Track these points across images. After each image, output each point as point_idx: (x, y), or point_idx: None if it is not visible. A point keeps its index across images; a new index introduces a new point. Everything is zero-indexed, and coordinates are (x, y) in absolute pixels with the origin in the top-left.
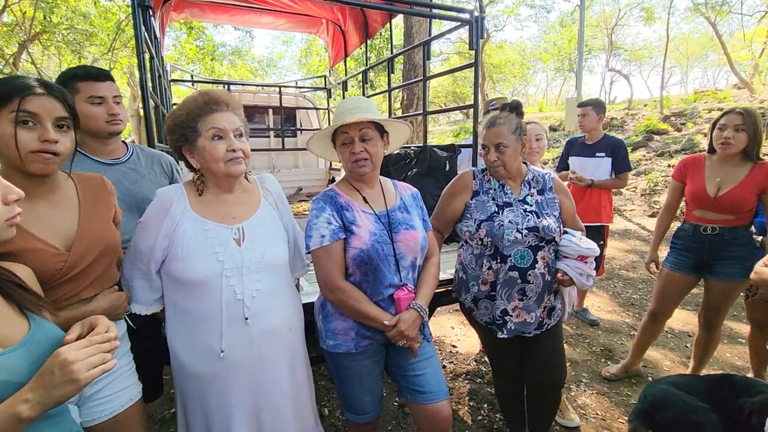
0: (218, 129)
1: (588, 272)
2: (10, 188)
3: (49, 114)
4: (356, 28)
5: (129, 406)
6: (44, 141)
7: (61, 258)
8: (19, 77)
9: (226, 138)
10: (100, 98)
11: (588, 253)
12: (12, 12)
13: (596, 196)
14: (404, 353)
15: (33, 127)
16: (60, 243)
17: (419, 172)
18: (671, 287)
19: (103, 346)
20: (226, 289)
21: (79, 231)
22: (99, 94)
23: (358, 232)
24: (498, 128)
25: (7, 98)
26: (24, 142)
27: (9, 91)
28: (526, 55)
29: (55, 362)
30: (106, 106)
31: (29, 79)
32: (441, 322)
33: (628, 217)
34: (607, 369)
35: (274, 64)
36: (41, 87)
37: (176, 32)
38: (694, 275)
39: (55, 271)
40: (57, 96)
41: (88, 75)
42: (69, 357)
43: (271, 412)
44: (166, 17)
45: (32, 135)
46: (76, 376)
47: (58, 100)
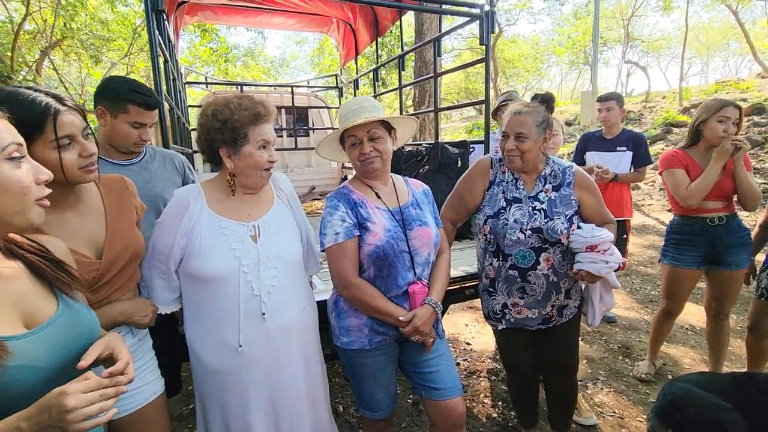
0: (266, 140)
1: (602, 258)
2: (41, 169)
3: (79, 129)
4: (366, 26)
5: (153, 399)
6: (88, 156)
7: (94, 267)
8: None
9: (268, 149)
10: (141, 125)
11: (596, 242)
12: (34, 20)
13: (618, 191)
14: (418, 349)
15: (71, 146)
16: (90, 251)
17: (431, 169)
18: (680, 284)
19: (108, 392)
20: (244, 285)
21: (107, 238)
22: (142, 121)
23: (373, 228)
24: (523, 117)
25: (40, 125)
26: (69, 163)
27: (39, 117)
28: (540, 49)
29: (54, 402)
30: (142, 131)
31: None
32: (455, 319)
33: (646, 212)
34: (637, 370)
35: (287, 65)
36: (60, 103)
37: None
38: (699, 268)
39: (88, 280)
40: (76, 109)
41: (144, 104)
42: (68, 403)
43: (288, 407)
44: (180, 21)
45: (73, 154)
46: (66, 426)
47: (78, 113)
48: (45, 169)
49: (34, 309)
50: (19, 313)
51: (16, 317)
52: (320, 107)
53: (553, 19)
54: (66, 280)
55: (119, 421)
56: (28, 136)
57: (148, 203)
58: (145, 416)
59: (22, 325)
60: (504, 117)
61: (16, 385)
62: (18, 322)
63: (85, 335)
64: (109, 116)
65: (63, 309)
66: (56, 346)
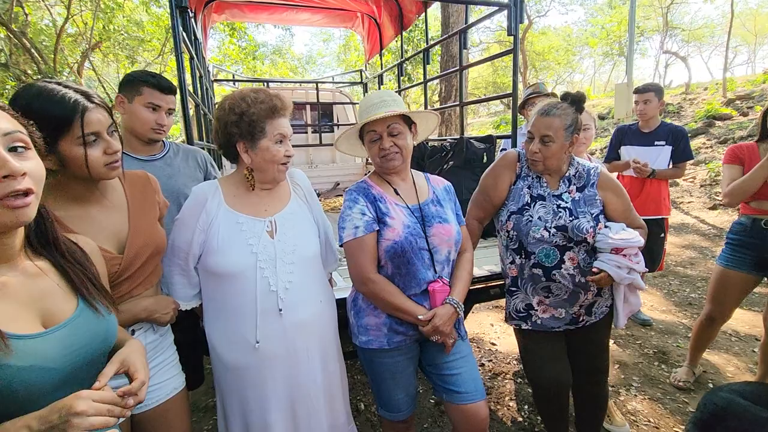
0: (282, 135)
1: (627, 264)
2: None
3: (104, 126)
4: (391, 20)
5: (173, 395)
6: (112, 153)
7: (116, 261)
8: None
9: (285, 143)
10: (156, 106)
11: (622, 245)
12: (75, 23)
13: (655, 188)
14: (438, 350)
15: (96, 143)
16: (113, 246)
17: (455, 165)
18: (727, 287)
19: (115, 410)
20: (261, 281)
21: (130, 233)
22: (157, 103)
23: (392, 224)
24: (550, 119)
25: (68, 122)
26: (95, 159)
27: (67, 114)
28: (572, 41)
29: (66, 403)
30: (158, 114)
31: (75, 94)
32: (480, 319)
33: (685, 210)
34: (675, 377)
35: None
36: (88, 100)
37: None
38: (754, 273)
39: (110, 274)
40: (103, 106)
41: (157, 85)
42: (77, 406)
43: (306, 405)
44: (208, 19)
45: (98, 150)
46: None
47: (104, 108)
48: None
49: (53, 308)
50: (38, 311)
51: (35, 315)
52: (345, 103)
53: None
54: (89, 288)
55: (141, 416)
56: (56, 132)
57: (171, 199)
58: (166, 412)
59: (39, 324)
60: (530, 115)
61: (24, 385)
62: (36, 320)
63: (100, 339)
64: (127, 102)
65: (81, 310)
66: (69, 347)
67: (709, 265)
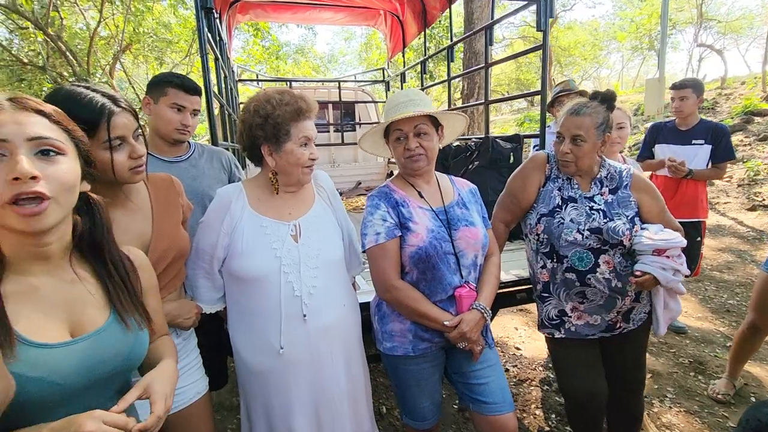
0: (307, 137)
1: (672, 266)
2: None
3: (130, 131)
4: (414, 17)
5: (197, 399)
6: (137, 157)
7: None
8: (90, 100)
9: (309, 146)
10: (180, 107)
11: (665, 246)
12: (107, 26)
13: (692, 189)
14: (465, 358)
15: (122, 147)
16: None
17: (481, 165)
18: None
19: None
20: (285, 286)
21: (153, 237)
22: (182, 103)
23: (415, 228)
24: (581, 118)
25: (94, 126)
26: (120, 163)
27: (94, 118)
28: (599, 35)
29: (78, 421)
30: (183, 115)
31: (99, 97)
32: (504, 322)
33: (721, 211)
34: (713, 389)
35: (336, 61)
36: (115, 104)
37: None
38: None
39: None
40: (129, 110)
41: (182, 86)
42: (87, 428)
43: (331, 410)
44: (233, 20)
45: (124, 155)
46: None
47: (130, 112)
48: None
49: (83, 317)
50: (68, 318)
51: (64, 322)
52: (367, 102)
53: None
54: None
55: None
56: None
57: (195, 200)
58: (190, 415)
59: (67, 332)
60: (559, 114)
61: (27, 396)
62: (64, 327)
63: (123, 357)
64: (153, 103)
65: (110, 323)
66: (85, 362)
67: (748, 270)
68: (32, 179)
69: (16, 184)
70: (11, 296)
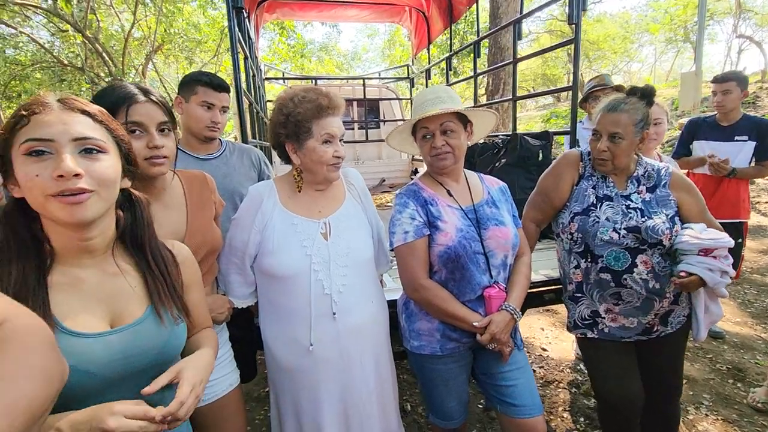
0: (330, 135)
1: (719, 267)
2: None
3: (152, 120)
4: (440, 13)
5: (229, 391)
6: (152, 147)
7: None
8: (120, 87)
9: (333, 143)
10: (210, 104)
11: (712, 245)
12: (140, 27)
13: (734, 188)
14: (493, 359)
15: (141, 136)
16: None
17: (508, 163)
18: None
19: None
20: (315, 284)
21: (188, 231)
22: (210, 101)
23: (444, 227)
24: (619, 115)
25: (116, 109)
26: (135, 151)
27: (115, 101)
28: (630, 28)
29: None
30: (212, 113)
31: (130, 87)
32: (530, 322)
33: (763, 211)
34: (753, 397)
35: (359, 58)
36: (143, 94)
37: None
38: None
39: None
40: (157, 101)
41: (210, 83)
42: (109, 425)
43: (359, 409)
44: (260, 19)
45: (141, 143)
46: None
47: (159, 106)
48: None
49: (123, 310)
50: (109, 309)
51: (105, 313)
52: (391, 99)
53: None
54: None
55: (198, 411)
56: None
57: (226, 197)
58: (223, 407)
59: (107, 323)
60: (594, 111)
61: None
62: (105, 318)
63: (156, 351)
64: (184, 102)
65: (146, 317)
66: (121, 353)
67: None
68: (75, 176)
69: (61, 181)
70: (57, 286)
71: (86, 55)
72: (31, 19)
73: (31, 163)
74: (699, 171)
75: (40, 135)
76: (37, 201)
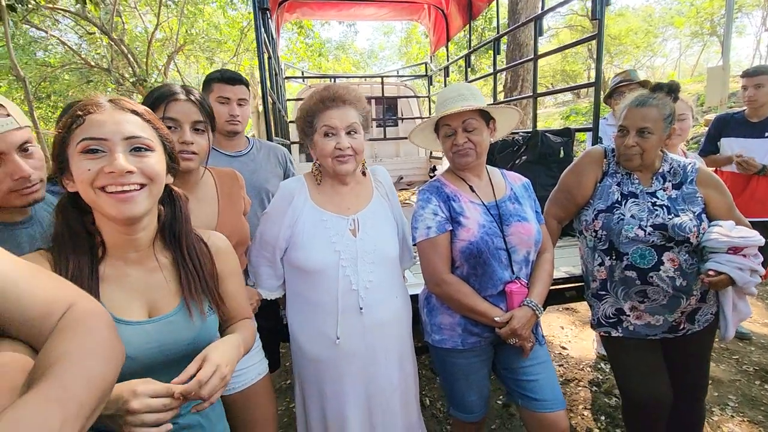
0: (329, 127)
1: (750, 266)
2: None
3: (187, 118)
4: (459, 10)
5: (258, 379)
6: (183, 143)
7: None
8: (166, 86)
9: (336, 135)
10: (225, 99)
11: (743, 243)
12: (162, 29)
13: (763, 186)
14: (515, 354)
15: (174, 131)
16: None
17: (529, 160)
18: None
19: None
20: (342, 279)
21: (218, 224)
22: (225, 95)
23: (466, 223)
24: (647, 110)
25: (156, 105)
26: None
27: (157, 98)
28: (654, 21)
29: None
30: (229, 106)
31: (174, 86)
32: (549, 320)
33: None
34: None
35: (375, 56)
36: (183, 93)
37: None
38: None
39: None
40: (195, 101)
41: (222, 78)
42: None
43: (381, 403)
44: (281, 19)
45: (174, 137)
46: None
47: (196, 105)
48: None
49: (159, 302)
50: (146, 301)
51: (143, 304)
52: (409, 96)
53: None
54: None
55: (230, 398)
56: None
57: (253, 193)
58: (253, 394)
59: (145, 312)
60: (619, 107)
61: None
62: (143, 309)
63: (186, 343)
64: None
65: (178, 310)
66: (154, 342)
67: None
68: (128, 173)
69: (110, 176)
70: (106, 278)
71: (112, 56)
72: (59, 22)
73: (86, 160)
74: (727, 169)
75: (95, 134)
76: (89, 195)
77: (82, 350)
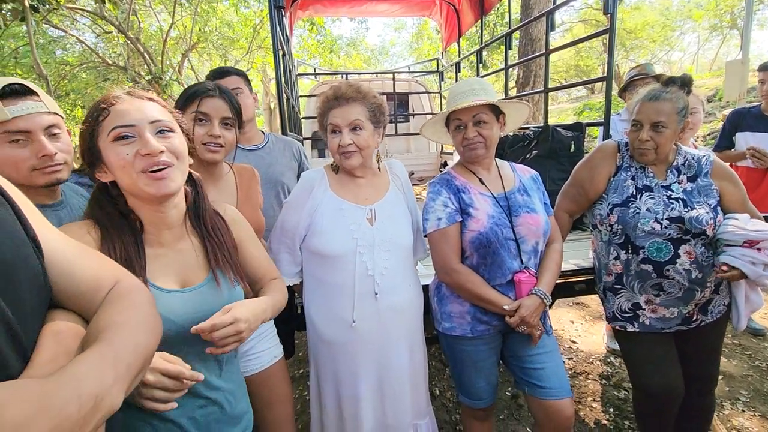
0: (333, 125)
1: (763, 260)
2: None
3: (217, 113)
4: (471, 5)
5: (274, 363)
6: (210, 135)
7: None
8: (202, 84)
9: (340, 133)
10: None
11: (758, 237)
12: (177, 27)
13: None
14: (523, 342)
15: (205, 124)
16: None
17: (539, 155)
18: None
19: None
20: (359, 265)
21: None
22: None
23: (476, 214)
24: (661, 104)
25: (191, 100)
26: (197, 136)
27: (193, 94)
28: (671, 15)
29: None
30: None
31: (209, 84)
32: (559, 314)
33: None
34: None
35: (386, 52)
36: (215, 91)
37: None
38: None
39: None
40: (225, 99)
41: (213, 74)
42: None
43: (392, 386)
44: (294, 16)
45: (203, 130)
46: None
47: (226, 102)
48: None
49: (190, 275)
50: (179, 276)
51: (177, 279)
52: (420, 92)
53: None
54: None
55: (247, 379)
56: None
57: (269, 185)
58: (269, 376)
59: (180, 284)
60: (633, 101)
61: None
62: (177, 281)
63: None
64: None
65: (207, 281)
66: (191, 308)
67: None
68: (161, 152)
69: (147, 158)
70: (147, 256)
71: (128, 54)
72: (78, 21)
73: (120, 146)
74: (742, 164)
75: (124, 122)
76: (130, 178)
77: (129, 321)
